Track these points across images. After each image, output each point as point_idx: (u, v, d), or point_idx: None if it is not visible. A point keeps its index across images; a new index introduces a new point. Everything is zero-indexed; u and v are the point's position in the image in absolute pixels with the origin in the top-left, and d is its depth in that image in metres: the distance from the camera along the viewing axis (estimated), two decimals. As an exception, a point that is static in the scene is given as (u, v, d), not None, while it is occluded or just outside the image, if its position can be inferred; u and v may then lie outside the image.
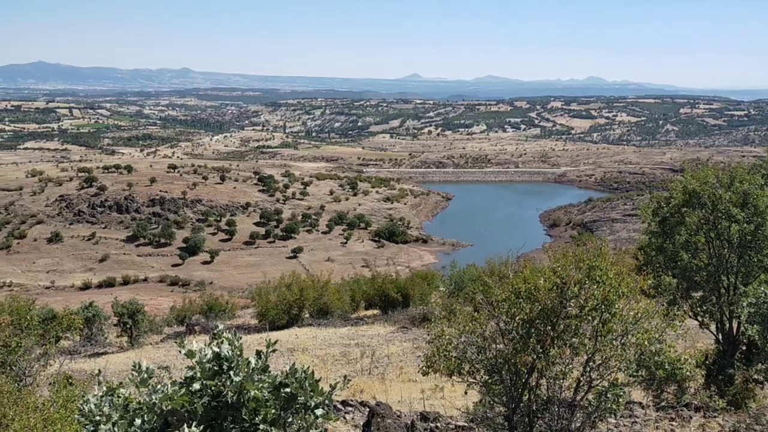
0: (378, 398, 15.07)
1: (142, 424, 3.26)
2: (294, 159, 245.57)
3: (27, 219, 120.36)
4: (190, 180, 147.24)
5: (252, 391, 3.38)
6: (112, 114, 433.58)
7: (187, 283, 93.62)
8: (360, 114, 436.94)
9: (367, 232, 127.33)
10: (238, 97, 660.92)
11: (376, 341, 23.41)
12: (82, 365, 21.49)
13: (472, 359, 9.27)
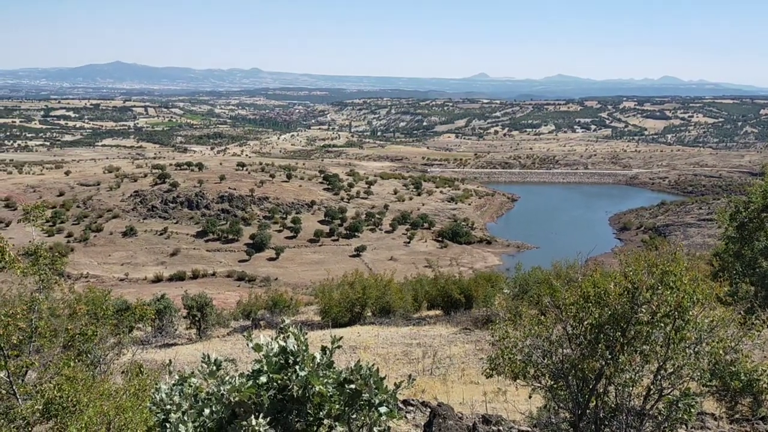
0: (439, 399, 14.99)
1: (210, 414, 3.33)
2: (359, 158, 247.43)
3: (104, 213, 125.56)
4: (258, 178, 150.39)
5: (317, 386, 3.39)
6: (185, 113, 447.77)
7: (253, 278, 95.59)
8: (425, 113, 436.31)
9: (430, 232, 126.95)
10: (305, 96, 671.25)
11: (438, 342, 23.29)
12: (153, 355, 22.25)
13: (537, 363, 9.09)
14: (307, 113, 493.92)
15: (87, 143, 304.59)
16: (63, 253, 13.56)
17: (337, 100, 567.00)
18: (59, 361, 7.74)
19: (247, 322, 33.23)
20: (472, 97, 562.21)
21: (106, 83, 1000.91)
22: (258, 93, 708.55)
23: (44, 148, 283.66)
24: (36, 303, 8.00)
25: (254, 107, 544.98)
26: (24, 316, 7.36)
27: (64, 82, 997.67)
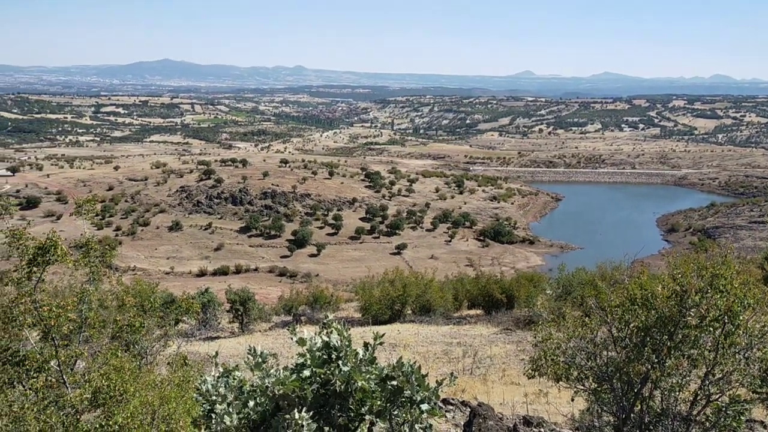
0: (479, 399, 14.90)
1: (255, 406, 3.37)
2: (401, 156, 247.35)
3: (151, 208, 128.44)
4: (300, 175, 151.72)
5: (359, 381, 3.40)
6: (230, 110, 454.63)
7: (295, 274, 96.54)
8: (468, 111, 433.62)
9: (472, 231, 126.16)
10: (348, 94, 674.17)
11: (479, 341, 23.14)
12: (197, 348, 22.67)
13: (581, 365, 8.95)
14: (350, 111, 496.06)
15: (135, 139, 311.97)
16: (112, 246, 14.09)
17: (379, 97, 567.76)
18: (107, 351, 7.93)
19: (288, 318, 33.58)
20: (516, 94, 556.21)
21: (155, 80, 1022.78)
22: (302, 90, 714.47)
23: (94, 143, 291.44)
24: (86, 294, 8.20)
25: (298, 105, 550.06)
26: (74, 307, 7.57)
27: (114, 79, 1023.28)
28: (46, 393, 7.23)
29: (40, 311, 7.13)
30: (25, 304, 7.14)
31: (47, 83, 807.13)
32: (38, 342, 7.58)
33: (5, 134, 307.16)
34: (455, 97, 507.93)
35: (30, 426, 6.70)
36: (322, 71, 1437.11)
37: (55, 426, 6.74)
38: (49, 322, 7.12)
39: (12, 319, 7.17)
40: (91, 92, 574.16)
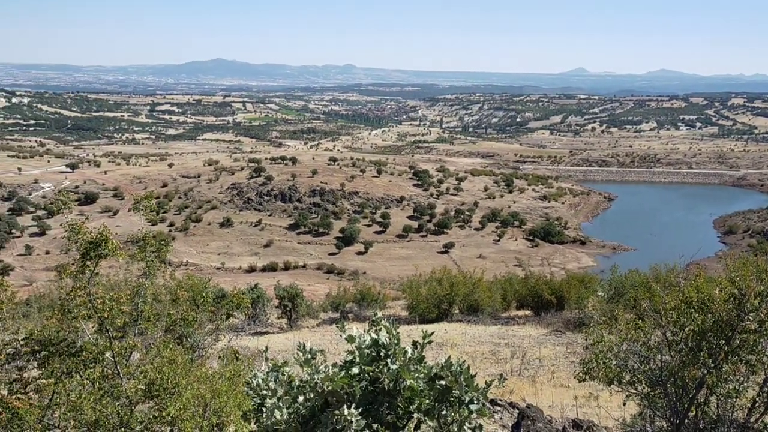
0: (528, 400, 14.71)
1: (304, 401, 3.39)
2: (449, 154, 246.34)
3: (203, 204, 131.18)
4: (349, 173, 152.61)
5: (408, 380, 3.39)
6: (281, 108, 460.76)
7: (342, 271, 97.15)
8: (519, 109, 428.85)
9: (521, 231, 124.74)
10: (397, 92, 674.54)
11: (528, 342, 22.84)
12: (247, 342, 23.03)
13: (633, 369, 8.73)
14: (399, 109, 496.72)
15: (189, 137, 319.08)
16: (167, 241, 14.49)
17: (428, 95, 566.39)
18: (161, 344, 8.12)
19: (335, 315, 33.78)
20: (568, 92, 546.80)
21: (208, 79, 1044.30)
22: (351, 89, 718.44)
23: (150, 141, 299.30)
24: (141, 288, 8.41)
25: (347, 103, 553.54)
26: (128, 300, 7.76)
27: (169, 78, 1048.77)
28: (102, 384, 7.44)
29: (94, 304, 7.33)
30: (80, 296, 7.35)
31: (105, 82, 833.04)
32: (94, 334, 7.81)
33: (65, 132, 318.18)
34: (505, 95, 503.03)
35: (87, 415, 6.92)
36: (372, 69, 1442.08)
37: (111, 416, 6.94)
38: (103, 314, 7.32)
39: (68, 311, 7.41)
40: (147, 91, 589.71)
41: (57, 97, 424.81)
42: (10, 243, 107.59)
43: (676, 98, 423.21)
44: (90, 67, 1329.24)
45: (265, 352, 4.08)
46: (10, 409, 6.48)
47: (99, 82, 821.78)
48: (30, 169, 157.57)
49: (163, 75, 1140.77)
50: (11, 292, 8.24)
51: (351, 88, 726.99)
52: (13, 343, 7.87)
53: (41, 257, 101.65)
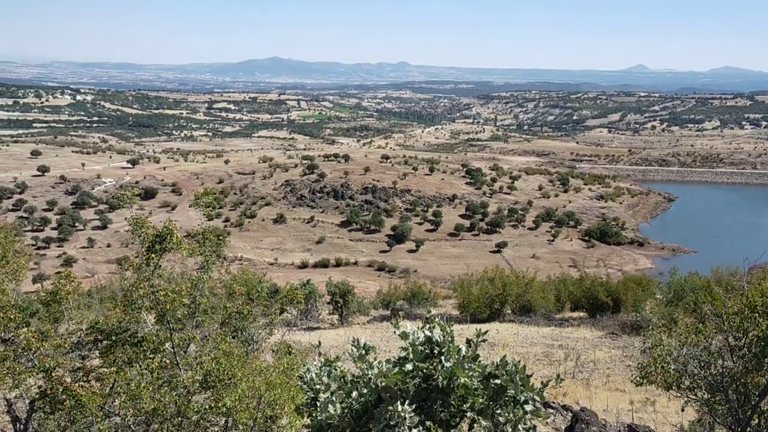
0: (581, 404, 14.45)
1: (357, 397, 3.41)
2: (503, 152, 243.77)
3: (257, 201, 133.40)
4: (401, 170, 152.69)
5: (462, 378, 3.37)
6: (334, 106, 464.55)
7: (393, 269, 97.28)
8: (576, 107, 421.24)
9: (576, 231, 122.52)
10: (451, 90, 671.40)
11: (582, 345, 22.43)
12: (299, 337, 23.33)
13: (693, 374, 8.47)
14: (452, 106, 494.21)
15: (244, 134, 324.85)
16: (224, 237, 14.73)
17: (483, 93, 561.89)
18: (217, 336, 8.30)
19: (386, 312, 33.89)
20: (627, 90, 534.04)
21: (264, 77, 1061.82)
22: (404, 86, 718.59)
23: (207, 138, 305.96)
24: (199, 282, 8.60)
25: (400, 100, 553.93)
26: (188, 293, 7.96)
27: (226, 76, 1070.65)
28: (161, 374, 7.66)
29: (157, 295, 7.55)
30: (144, 288, 7.59)
31: (165, 80, 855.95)
32: (154, 325, 8.04)
33: (127, 128, 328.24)
34: (562, 93, 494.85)
35: (145, 404, 7.13)
36: (425, 67, 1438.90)
37: (168, 405, 7.14)
38: (165, 306, 7.54)
39: (132, 302, 7.65)
40: (205, 89, 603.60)
41: (119, 94, 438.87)
42: (73, 236, 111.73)
43: (741, 96, 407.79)
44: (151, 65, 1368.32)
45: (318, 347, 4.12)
46: (74, 396, 6.72)
47: (159, 81, 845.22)
48: (93, 165, 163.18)
49: (220, 73, 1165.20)
50: (77, 283, 8.55)
51: (404, 86, 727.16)
52: (77, 333, 8.15)
53: (103, 250, 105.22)
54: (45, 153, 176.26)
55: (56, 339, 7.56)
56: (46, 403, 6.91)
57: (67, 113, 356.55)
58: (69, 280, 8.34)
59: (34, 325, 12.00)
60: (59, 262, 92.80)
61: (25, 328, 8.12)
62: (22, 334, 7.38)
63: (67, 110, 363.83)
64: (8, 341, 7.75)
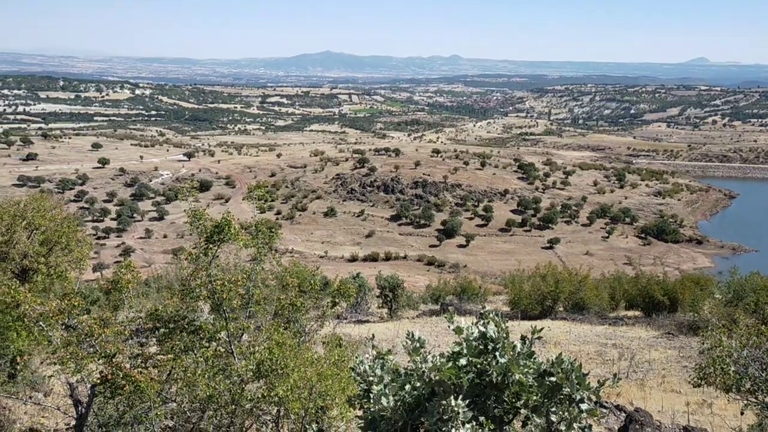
0: (635, 404, 14.13)
1: (411, 390, 3.42)
2: (557, 147, 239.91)
3: (308, 194, 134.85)
4: (452, 165, 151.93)
5: (517, 374, 3.34)
6: (386, 100, 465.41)
7: (443, 264, 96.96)
8: (633, 101, 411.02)
9: (632, 228, 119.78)
10: (504, 83, 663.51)
11: (636, 344, 21.93)
12: (349, 330, 23.53)
13: (754, 376, 8.18)
14: (505, 100, 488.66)
15: (296, 128, 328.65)
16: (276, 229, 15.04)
17: (536, 86, 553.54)
18: (271, 327, 8.43)
19: (435, 307, 33.84)
20: (687, 83, 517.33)
21: (316, 72, 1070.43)
22: (456, 80, 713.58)
23: (260, 132, 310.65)
24: (253, 273, 8.75)
25: (452, 94, 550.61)
26: (243, 283, 8.11)
27: (279, 70, 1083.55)
28: (216, 362, 7.83)
29: (214, 285, 7.73)
30: (201, 278, 7.77)
31: (220, 75, 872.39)
32: (209, 314, 8.22)
33: (183, 122, 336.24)
34: (619, 86, 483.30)
35: (201, 391, 7.31)
36: (478, 60, 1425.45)
37: (223, 393, 7.30)
38: (221, 295, 7.70)
39: (190, 291, 7.84)
40: (259, 83, 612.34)
41: (176, 89, 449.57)
42: (132, 226, 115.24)
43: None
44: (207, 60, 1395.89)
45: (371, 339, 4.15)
46: (133, 382, 6.93)
47: (214, 75, 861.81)
48: (150, 158, 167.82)
49: (273, 68, 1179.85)
50: (136, 273, 8.81)
51: (456, 80, 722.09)
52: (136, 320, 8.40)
53: (159, 240, 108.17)
54: (105, 146, 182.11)
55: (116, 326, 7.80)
56: (107, 388, 7.14)
57: (127, 107, 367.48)
58: (129, 269, 8.59)
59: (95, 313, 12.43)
60: (118, 251, 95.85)
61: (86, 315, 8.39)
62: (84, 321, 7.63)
63: (126, 104, 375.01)
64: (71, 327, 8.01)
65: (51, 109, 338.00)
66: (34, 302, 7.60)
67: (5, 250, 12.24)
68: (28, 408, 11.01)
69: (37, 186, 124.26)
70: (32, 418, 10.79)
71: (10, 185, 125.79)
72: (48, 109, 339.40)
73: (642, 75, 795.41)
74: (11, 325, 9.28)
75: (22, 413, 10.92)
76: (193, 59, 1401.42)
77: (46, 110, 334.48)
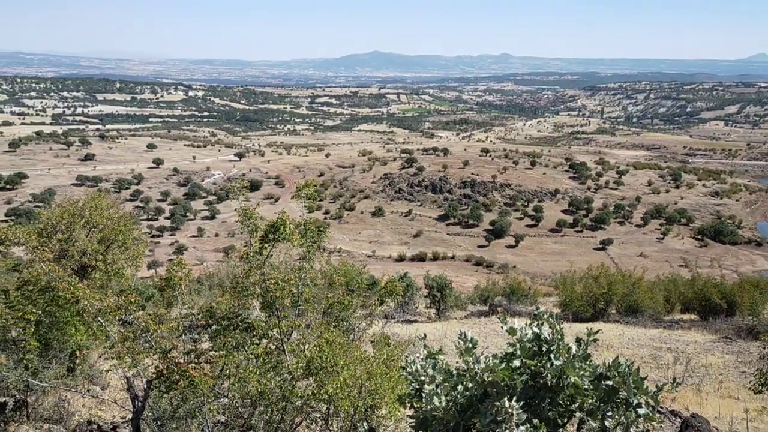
0: (691, 410, 13.72)
1: (463, 390, 3.38)
2: (610, 146, 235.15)
3: (356, 194, 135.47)
4: (501, 164, 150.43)
5: (572, 377, 3.27)
6: (434, 99, 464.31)
7: (491, 264, 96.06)
8: (690, 99, 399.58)
9: (687, 229, 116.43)
10: (555, 81, 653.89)
11: (692, 348, 21.29)
12: (396, 329, 23.52)
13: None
14: (556, 99, 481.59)
15: (345, 128, 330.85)
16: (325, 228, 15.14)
17: (589, 84, 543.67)
18: (320, 325, 8.49)
19: (483, 307, 33.56)
20: (747, 80, 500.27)
21: (365, 72, 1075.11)
22: (506, 79, 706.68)
23: (309, 132, 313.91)
24: (302, 271, 8.83)
25: (501, 93, 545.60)
26: (295, 282, 8.19)
27: (328, 71, 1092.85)
28: (267, 359, 7.93)
29: (267, 283, 7.83)
30: (255, 276, 7.88)
31: (271, 76, 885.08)
32: (261, 311, 8.33)
33: (234, 123, 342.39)
34: (675, 83, 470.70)
35: (252, 387, 7.41)
36: (529, 58, 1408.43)
37: (274, 389, 7.38)
38: (274, 294, 7.80)
39: (243, 289, 7.96)
40: (308, 84, 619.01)
41: (227, 90, 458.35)
42: (184, 225, 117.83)
43: None
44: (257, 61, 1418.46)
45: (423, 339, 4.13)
46: (187, 377, 7.07)
47: (265, 76, 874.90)
48: (203, 158, 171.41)
49: (323, 68, 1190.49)
50: (188, 270, 8.99)
51: (506, 78, 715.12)
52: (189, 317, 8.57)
53: (211, 239, 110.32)
54: (159, 146, 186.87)
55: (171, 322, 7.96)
56: (162, 382, 7.31)
57: (180, 108, 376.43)
58: (181, 266, 8.77)
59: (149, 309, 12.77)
60: (171, 249, 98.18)
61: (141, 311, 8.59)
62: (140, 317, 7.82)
63: (179, 105, 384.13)
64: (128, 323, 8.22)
65: (108, 111, 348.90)
66: (92, 298, 7.84)
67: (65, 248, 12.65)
68: (86, 401, 11.35)
69: (95, 185, 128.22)
70: (90, 411, 11.12)
71: (69, 184, 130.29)
72: (105, 110, 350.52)
73: (699, 72, 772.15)
74: (71, 320, 9.58)
75: (81, 406, 11.27)
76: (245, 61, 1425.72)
77: (104, 112, 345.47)
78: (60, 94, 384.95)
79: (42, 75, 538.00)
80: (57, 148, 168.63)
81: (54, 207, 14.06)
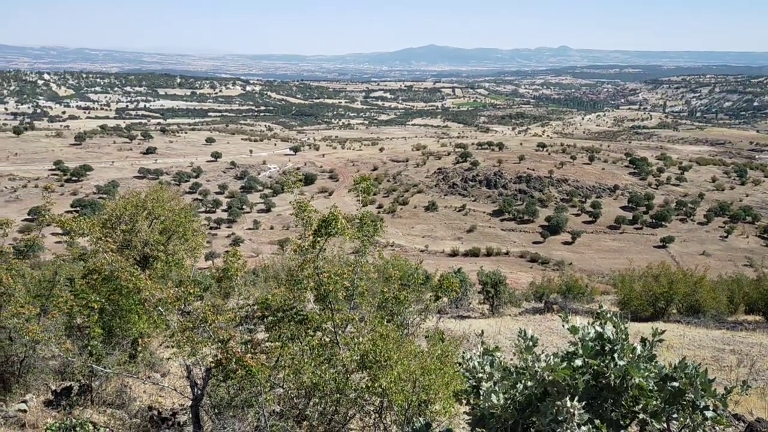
0: (756, 414, 13.21)
1: (522, 389, 3.33)
2: (672, 141, 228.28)
3: (410, 188, 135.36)
4: (558, 159, 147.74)
5: (636, 378, 3.18)
6: (490, 93, 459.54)
7: (546, 261, 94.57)
8: (757, 92, 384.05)
9: (754, 227, 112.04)
10: (615, 74, 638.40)
11: (757, 351, 20.47)
12: (449, 325, 23.41)
13: None
14: (616, 92, 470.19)
15: (399, 122, 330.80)
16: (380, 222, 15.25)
17: (650, 77, 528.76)
18: (374, 319, 8.52)
19: (538, 305, 33.08)
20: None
21: (420, 66, 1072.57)
22: (564, 72, 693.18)
23: (363, 126, 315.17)
24: (357, 265, 8.88)
25: (559, 86, 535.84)
26: (349, 275, 8.25)
27: (383, 65, 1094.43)
28: (321, 351, 8.02)
29: (321, 277, 7.91)
30: (309, 269, 7.97)
31: (326, 71, 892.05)
32: (315, 304, 8.43)
33: (290, 117, 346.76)
34: (741, 77, 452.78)
35: (307, 378, 7.50)
36: (588, 51, 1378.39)
37: (328, 381, 7.46)
38: (328, 287, 7.87)
39: (298, 281, 8.06)
40: (363, 78, 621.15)
41: (284, 85, 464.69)
42: (241, 218, 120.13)
43: None
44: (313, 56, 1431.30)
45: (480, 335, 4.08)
46: (245, 366, 7.21)
47: (320, 71, 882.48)
48: (259, 152, 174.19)
49: (377, 62, 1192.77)
50: (243, 261, 9.16)
51: (564, 71, 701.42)
52: (245, 308, 8.73)
53: (266, 232, 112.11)
54: (218, 140, 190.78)
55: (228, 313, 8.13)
56: (220, 371, 7.47)
57: (238, 103, 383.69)
58: (236, 258, 8.93)
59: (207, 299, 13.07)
60: (228, 241, 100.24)
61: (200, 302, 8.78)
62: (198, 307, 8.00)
63: (237, 100, 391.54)
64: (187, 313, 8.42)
65: (169, 105, 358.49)
66: (153, 288, 8.08)
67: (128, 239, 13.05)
68: (147, 387, 11.71)
69: (156, 178, 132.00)
70: (150, 397, 11.47)
71: (132, 177, 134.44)
72: (166, 105, 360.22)
73: (766, 65, 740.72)
74: (133, 308, 9.88)
75: (142, 392, 11.63)
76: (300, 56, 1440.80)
77: (165, 106, 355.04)
78: (123, 89, 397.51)
79: (106, 70, 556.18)
80: (120, 142, 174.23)
81: (117, 199, 14.53)
